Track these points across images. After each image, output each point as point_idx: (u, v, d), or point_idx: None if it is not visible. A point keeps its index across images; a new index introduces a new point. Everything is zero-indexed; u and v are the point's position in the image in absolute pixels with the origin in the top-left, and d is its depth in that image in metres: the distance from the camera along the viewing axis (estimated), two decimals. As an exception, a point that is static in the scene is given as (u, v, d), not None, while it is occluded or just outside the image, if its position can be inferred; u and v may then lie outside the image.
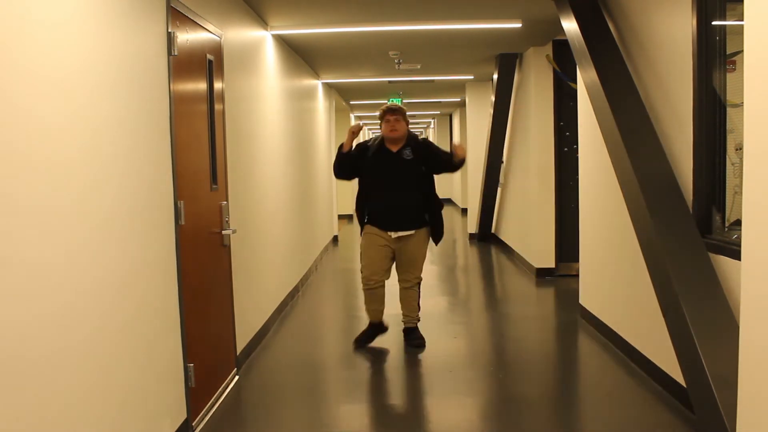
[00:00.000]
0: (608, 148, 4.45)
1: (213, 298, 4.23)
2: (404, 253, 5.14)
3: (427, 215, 5.15)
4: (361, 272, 5.21)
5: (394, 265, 5.26)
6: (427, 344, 5.24)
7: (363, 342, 5.26)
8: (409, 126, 5.20)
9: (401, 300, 5.31)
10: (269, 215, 6.12)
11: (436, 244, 5.31)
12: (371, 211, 5.12)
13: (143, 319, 3.12)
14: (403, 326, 5.37)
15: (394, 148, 5.10)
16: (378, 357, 5.01)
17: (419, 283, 5.27)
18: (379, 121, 5.20)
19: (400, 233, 5.07)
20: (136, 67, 3.09)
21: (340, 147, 5.13)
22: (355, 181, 5.38)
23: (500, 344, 5.65)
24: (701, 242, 3.61)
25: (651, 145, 4.08)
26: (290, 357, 5.24)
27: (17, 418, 2.11)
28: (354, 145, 5.18)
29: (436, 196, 5.23)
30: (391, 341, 5.39)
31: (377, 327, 5.32)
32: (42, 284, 2.27)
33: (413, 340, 5.25)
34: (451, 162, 5.13)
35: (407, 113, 5.19)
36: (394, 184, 5.05)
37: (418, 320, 5.34)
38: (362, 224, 5.22)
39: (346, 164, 5.15)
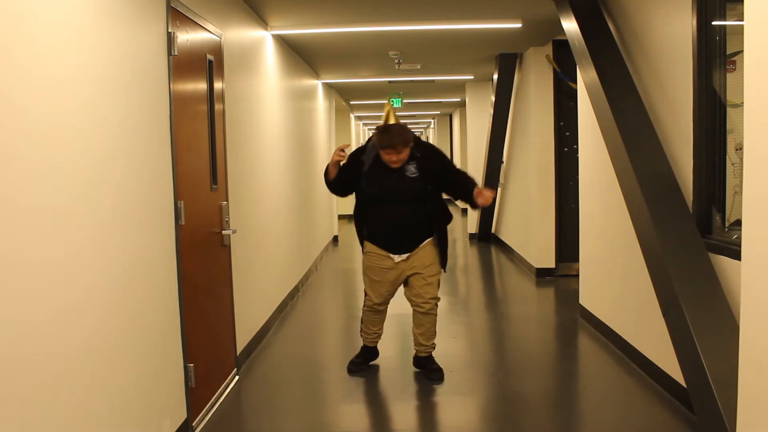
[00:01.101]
0: (608, 148, 4.45)
1: (213, 298, 4.23)
2: (415, 271, 4.47)
3: (435, 233, 4.47)
4: (365, 293, 4.63)
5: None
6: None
7: (358, 369, 4.72)
8: (410, 139, 4.31)
9: (417, 325, 4.59)
10: (269, 215, 6.12)
11: (445, 270, 4.59)
12: (371, 230, 4.49)
13: (143, 319, 3.12)
14: (414, 353, 4.74)
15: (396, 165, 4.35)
16: (379, 357, 5.00)
17: (437, 305, 4.58)
18: (375, 142, 4.36)
19: (405, 255, 4.45)
20: (136, 67, 3.09)
21: (326, 171, 4.46)
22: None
23: (500, 344, 5.65)
24: (701, 242, 3.61)
25: (651, 145, 4.08)
26: (290, 357, 5.24)
27: (17, 418, 2.11)
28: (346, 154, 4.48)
29: (444, 210, 4.50)
30: (390, 341, 5.39)
31: (372, 352, 4.83)
32: (42, 284, 2.27)
33: (433, 372, 4.57)
34: (470, 198, 4.33)
35: (410, 133, 4.32)
36: (395, 204, 4.36)
37: (433, 348, 4.69)
38: (362, 239, 4.61)
39: (337, 186, 4.52)
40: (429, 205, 4.38)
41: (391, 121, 4.31)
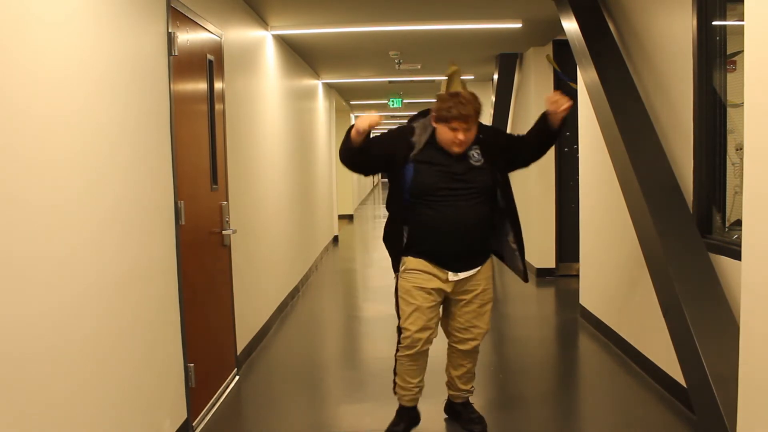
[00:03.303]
0: (608, 148, 4.45)
1: (213, 298, 4.23)
2: (465, 297, 3.47)
3: (511, 235, 3.50)
4: (403, 329, 3.42)
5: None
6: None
7: None
8: (481, 112, 3.35)
9: (455, 366, 3.65)
10: (269, 215, 6.12)
11: (527, 280, 3.71)
12: (418, 239, 3.37)
13: (143, 319, 3.12)
14: (447, 398, 3.83)
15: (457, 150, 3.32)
16: (378, 357, 5.00)
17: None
18: (433, 112, 3.32)
19: (466, 273, 3.41)
20: (136, 67, 3.09)
21: (349, 132, 3.25)
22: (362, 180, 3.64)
23: (500, 344, 5.64)
24: (701, 242, 3.61)
25: (651, 145, 4.08)
26: (290, 357, 5.24)
27: (17, 418, 2.11)
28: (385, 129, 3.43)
29: (513, 206, 3.51)
30: (387, 340, 5.38)
31: (413, 415, 3.66)
32: (42, 284, 2.27)
33: (474, 423, 3.66)
34: (545, 125, 3.42)
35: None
36: (459, 202, 3.30)
37: (472, 392, 3.75)
38: (398, 254, 3.45)
39: (358, 159, 3.34)
40: (498, 203, 3.42)
41: (458, 89, 3.29)
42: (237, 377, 4.60)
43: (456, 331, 3.54)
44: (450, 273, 3.37)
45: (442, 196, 3.30)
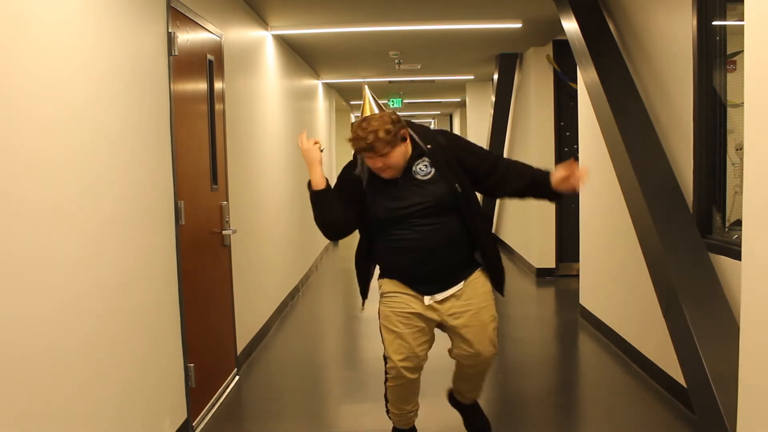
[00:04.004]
0: (608, 148, 4.45)
1: (213, 298, 4.23)
2: (463, 321, 3.10)
3: (479, 250, 3.11)
4: (386, 358, 3.18)
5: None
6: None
7: None
8: (406, 132, 2.97)
9: (465, 380, 3.40)
10: (269, 215, 6.12)
11: (503, 294, 3.23)
12: (387, 264, 3.13)
13: (143, 319, 3.12)
14: (450, 396, 3.62)
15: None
16: (378, 357, 5.00)
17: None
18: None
19: (443, 294, 3.06)
20: (136, 67, 3.09)
21: (309, 185, 3.13)
22: None
23: (500, 344, 5.61)
24: (701, 242, 3.61)
25: (651, 145, 4.08)
26: (290, 357, 5.24)
27: (17, 418, 2.11)
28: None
29: (481, 220, 3.09)
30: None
31: None
32: (42, 284, 2.27)
33: (482, 427, 3.54)
34: (546, 189, 3.15)
35: (397, 122, 2.91)
36: (414, 224, 2.98)
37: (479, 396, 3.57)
38: (366, 282, 3.26)
39: (334, 209, 3.11)
40: (464, 214, 3.02)
41: (372, 111, 2.95)
42: (237, 377, 4.60)
43: (466, 358, 3.20)
44: (426, 297, 3.07)
45: (396, 220, 3.00)
